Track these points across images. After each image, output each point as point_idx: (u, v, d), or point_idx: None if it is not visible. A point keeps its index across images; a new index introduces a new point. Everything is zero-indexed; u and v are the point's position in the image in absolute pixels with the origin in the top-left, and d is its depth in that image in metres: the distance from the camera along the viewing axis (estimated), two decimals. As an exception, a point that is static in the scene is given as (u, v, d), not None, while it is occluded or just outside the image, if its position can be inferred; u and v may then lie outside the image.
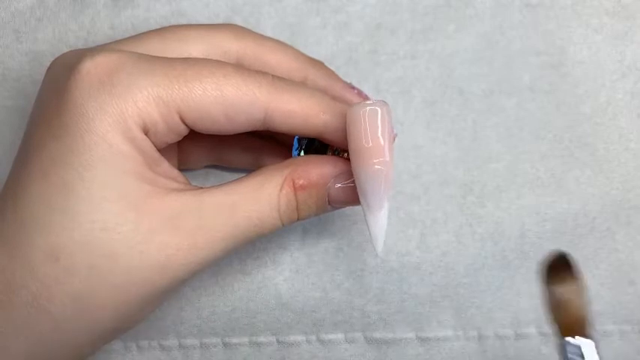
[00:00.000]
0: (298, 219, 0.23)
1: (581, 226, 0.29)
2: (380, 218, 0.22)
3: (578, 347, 0.17)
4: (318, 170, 0.23)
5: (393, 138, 0.22)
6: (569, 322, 0.18)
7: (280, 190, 0.22)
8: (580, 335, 0.17)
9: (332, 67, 0.28)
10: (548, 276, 0.19)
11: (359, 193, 0.22)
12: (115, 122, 0.20)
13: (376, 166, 0.21)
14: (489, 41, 0.30)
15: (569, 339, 0.17)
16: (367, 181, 0.22)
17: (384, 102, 0.22)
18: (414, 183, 0.30)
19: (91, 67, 0.21)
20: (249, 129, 0.22)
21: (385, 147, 0.21)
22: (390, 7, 0.30)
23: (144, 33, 0.24)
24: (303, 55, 0.26)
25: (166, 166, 0.23)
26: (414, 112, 0.30)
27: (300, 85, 0.23)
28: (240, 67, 0.22)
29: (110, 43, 0.24)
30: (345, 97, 0.26)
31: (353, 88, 0.26)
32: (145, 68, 0.21)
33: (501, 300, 0.29)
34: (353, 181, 0.22)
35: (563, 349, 0.17)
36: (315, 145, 0.26)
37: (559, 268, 0.19)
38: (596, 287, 0.29)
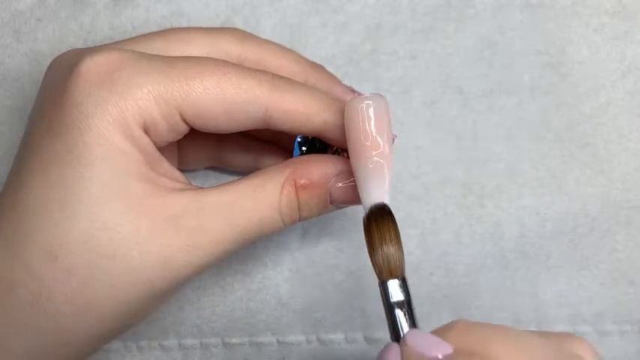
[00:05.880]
0: (300, 219, 0.23)
1: (581, 226, 0.29)
2: None
3: (395, 285, 0.21)
4: (319, 170, 0.23)
5: (391, 131, 0.22)
6: (392, 268, 0.21)
7: (281, 190, 0.22)
8: (396, 276, 0.21)
9: (332, 68, 0.28)
10: (368, 227, 0.22)
11: (358, 188, 0.22)
12: (115, 121, 0.20)
13: (375, 159, 0.21)
14: (489, 41, 0.30)
15: (389, 281, 0.21)
16: (366, 174, 0.22)
17: (381, 95, 0.22)
18: (414, 183, 0.30)
19: (91, 65, 0.21)
20: (250, 127, 0.22)
21: (383, 140, 0.21)
22: (390, 7, 0.30)
23: (146, 34, 0.24)
24: (303, 58, 0.26)
25: (167, 166, 0.23)
26: (414, 112, 0.30)
27: (300, 84, 0.23)
28: (240, 65, 0.22)
29: (112, 43, 0.24)
30: (346, 100, 0.26)
31: (353, 91, 0.26)
32: (145, 67, 0.21)
33: (501, 300, 0.29)
34: (354, 180, 0.22)
35: (384, 288, 0.21)
36: (317, 149, 0.26)
37: (378, 218, 0.22)
38: (596, 287, 0.29)
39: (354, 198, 0.23)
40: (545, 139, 0.30)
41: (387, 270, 0.21)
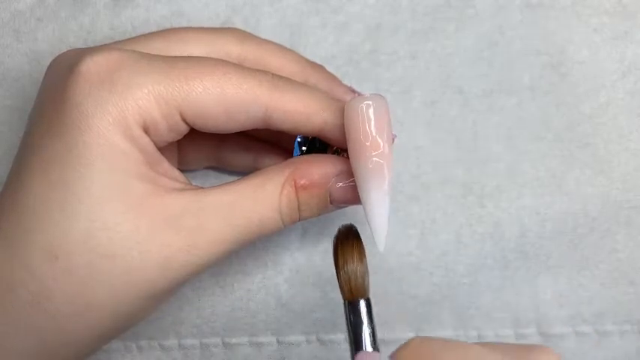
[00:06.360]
0: (300, 219, 0.23)
1: (581, 226, 0.29)
2: (381, 213, 0.22)
3: (357, 306, 0.21)
4: (319, 170, 0.23)
5: (391, 131, 0.22)
6: (353, 288, 0.21)
7: (281, 190, 0.22)
8: (361, 297, 0.21)
9: (332, 68, 0.28)
10: (334, 248, 0.22)
11: (358, 189, 0.22)
12: (115, 120, 0.20)
13: (374, 159, 0.21)
14: (489, 41, 0.30)
15: (353, 301, 0.21)
16: (366, 174, 0.22)
17: (381, 95, 0.22)
18: (414, 183, 0.30)
19: (91, 65, 0.21)
20: (250, 127, 0.22)
21: (383, 140, 0.21)
22: (390, 7, 0.30)
23: (146, 34, 0.24)
24: (304, 58, 0.26)
25: (167, 166, 0.23)
26: (414, 112, 0.30)
27: (300, 83, 0.23)
28: (240, 65, 0.22)
29: (112, 43, 0.24)
30: (346, 100, 0.26)
31: (354, 91, 0.26)
32: (145, 67, 0.21)
33: (501, 300, 0.29)
34: (354, 180, 0.22)
35: (347, 309, 0.21)
36: (317, 149, 0.26)
37: (343, 240, 0.22)
38: (596, 287, 0.29)
39: (354, 198, 0.23)
40: (545, 139, 0.30)
41: (348, 291, 0.21)
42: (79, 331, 0.21)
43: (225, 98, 0.21)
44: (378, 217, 0.22)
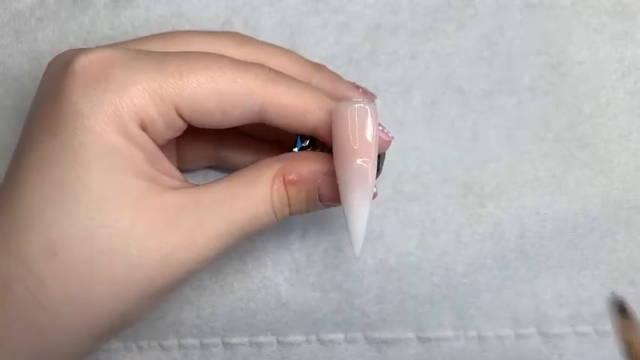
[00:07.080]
0: (290, 214, 0.23)
1: (581, 226, 0.29)
2: (360, 219, 0.22)
3: None
4: (309, 166, 0.23)
5: (377, 136, 0.22)
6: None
7: (272, 184, 0.22)
8: None
9: (332, 68, 0.28)
10: (620, 319, 0.21)
11: (340, 192, 0.22)
12: (111, 119, 0.20)
13: (359, 162, 0.21)
14: (489, 41, 0.30)
15: None
16: (350, 179, 0.22)
17: (370, 101, 0.22)
18: (414, 183, 0.30)
19: (85, 63, 0.21)
20: (247, 122, 0.22)
21: (370, 146, 0.21)
22: (390, 7, 0.30)
23: (146, 37, 0.24)
24: (305, 59, 0.26)
25: (167, 164, 0.23)
26: (414, 112, 0.30)
27: (296, 80, 0.23)
28: (237, 60, 0.22)
29: (111, 44, 0.24)
30: (351, 97, 0.26)
31: (358, 87, 0.26)
32: (139, 64, 0.21)
33: (501, 300, 0.29)
34: None
35: None
36: (319, 145, 0.26)
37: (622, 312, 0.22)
38: (596, 287, 0.29)
39: None
40: (545, 139, 0.30)
41: None
42: (78, 328, 0.21)
43: (220, 93, 0.21)
44: (359, 221, 0.22)
